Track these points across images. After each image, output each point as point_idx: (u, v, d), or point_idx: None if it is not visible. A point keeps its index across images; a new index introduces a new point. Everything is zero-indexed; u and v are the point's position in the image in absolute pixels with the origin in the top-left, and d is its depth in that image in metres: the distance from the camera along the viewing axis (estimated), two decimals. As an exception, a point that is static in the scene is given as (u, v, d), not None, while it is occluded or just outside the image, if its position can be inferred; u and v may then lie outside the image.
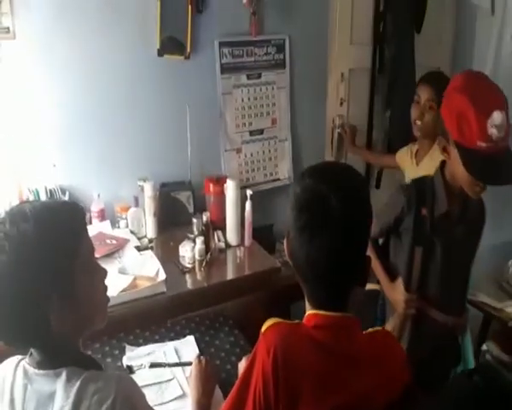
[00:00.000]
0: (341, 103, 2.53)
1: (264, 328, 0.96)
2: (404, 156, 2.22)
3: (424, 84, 1.97)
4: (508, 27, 2.50)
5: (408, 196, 1.51)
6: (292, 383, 0.90)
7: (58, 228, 0.87)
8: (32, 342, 0.89)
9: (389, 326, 1.60)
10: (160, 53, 2.03)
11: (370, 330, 1.03)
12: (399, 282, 1.56)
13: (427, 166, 1.99)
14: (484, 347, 2.46)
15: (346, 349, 0.95)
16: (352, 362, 0.94)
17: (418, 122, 1.97)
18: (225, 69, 2.21)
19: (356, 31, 2.49)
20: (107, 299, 1.00)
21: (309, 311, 0.99)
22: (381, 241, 1.71)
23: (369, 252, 1.45)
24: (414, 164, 2.12)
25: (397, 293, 1.57)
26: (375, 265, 1.63)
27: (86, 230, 0.94)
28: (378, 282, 1.68)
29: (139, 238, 1.96)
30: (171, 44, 2.05)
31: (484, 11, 2.58)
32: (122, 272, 1.69)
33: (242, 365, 1.27)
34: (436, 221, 1.48)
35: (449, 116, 1.38)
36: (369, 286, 1.70)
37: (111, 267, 1.62)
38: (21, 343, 0.90)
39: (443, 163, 1.51)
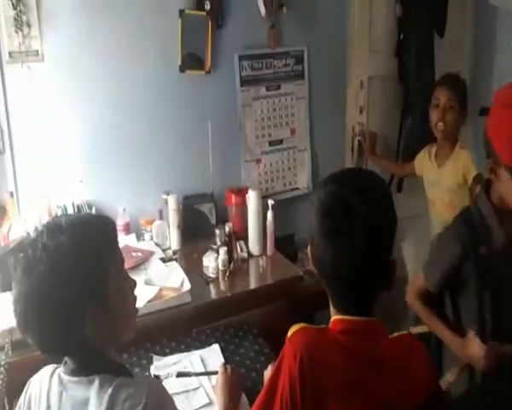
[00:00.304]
0: (361, 111, 2.54)
1: (290, 333, 0.97)
2: (422, 160, 2.25)
3: (442, 86, 2.06)
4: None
5: (462, 239, 1.37)
6: (318, 387, 0.91)
7: (92, 238, 0.92)
8: (68, 350, 0.93)
9: (451, 377, 1.47)
10: (182, 69, 2.10)
11: (396, 334, 1.02)
12: (472, 336, 1.38)
13: (451, 170, 2.06)
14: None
15: (372, 353, 0.95)
16: (378, 366, 0.95)
17: (440, 124, 2.03)
18: (245, 82, 2.25)
19: (374, 39, 2.51)
20: (137, 310, 1.04)
21: (334, 316, 1.00)
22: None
23: (420, 311, 1.44)
24: (435, 166, 2.15)
25: (473, 348, 1.37)
26: (431, 322, 1.50)
27: (117, 240, 0.99)
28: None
29: (164, 250, 2.00)
30: (192, 60, 2.11)
31: (504, 13, 2.56)
32: (148, 283, 1.73)
33: (268, 372, 1.29)
34: (498, 255, 1.35)
35: (498, 136, 1.25)
36: (417, 329, 1.61)
37: (137, 279, 1.61)
38: (58, 352, 0.94)
39: (487, 185, 1.38)
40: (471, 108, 2.18)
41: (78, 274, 0.88)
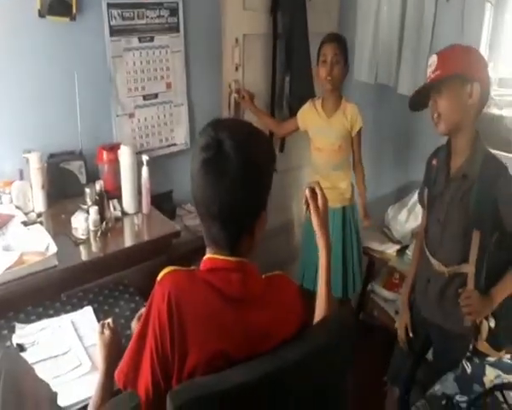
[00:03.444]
0: (236, 68, 2.55)
1: (159, 276, 0.98)
2: (308, 113, 2.38)
3: (328, 43, 2.24)
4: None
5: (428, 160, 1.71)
6: (183, 326, 0.93)
7: None
8: None
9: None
10: (42, 14, 1.88)
11: (270, 273, 1.09)
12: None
13: (341, 120, 2.29)
14: (369, 287, 2.73)
15: (238, 293, 0.99)
16: (244, 302, 0.99)
17: (329, 78, 2.21)
18: (115, 31, 2.11)
19: (248, -4, 2.51)
20: None
21: (206, 255, 1.03)
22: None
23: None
24: (323, 116, 2.32)
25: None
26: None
27: None
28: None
29: (26, 213, 1.84)
30: (58, 5, 1.91)
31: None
32: (7, 249, 1.59)
33: (135, 322, 1.29)
34: (440, 180, 1.64)
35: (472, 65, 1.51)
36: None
37: (-7, 246, 1.52)
38: None
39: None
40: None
41: None
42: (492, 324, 1.58)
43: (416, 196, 2.16)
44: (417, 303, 1.79)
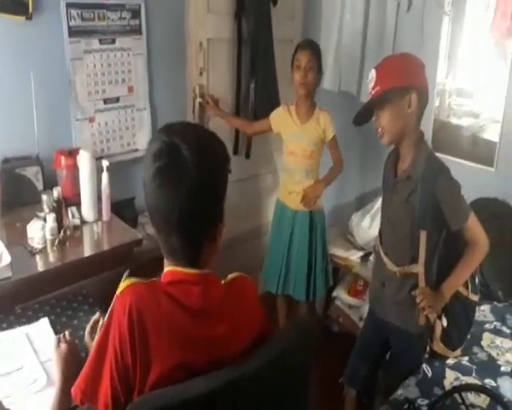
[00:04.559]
0: (201, 73, 2.52)
1: (119, 290, 0.95)
2: (281, 117, 2.40)
3: (302, 50, 2.27)
4: (348, 7, 2.73)
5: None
6: (145, 338, 0.91)
7: None
8: None
9: None
10: (-6, 12, 1.81)
11: (230, 276, 1.06)
12: None
13: (314, 127, 2.33)
14: (334, 293, 2.76)
15: (198, 305, 0.96)
16: (205, 314, 0.97)
17: (303, 83, 2.25)
18: (74, 32, 2.04)
19: (213, 0, 2.48)
20: None
21: (166, 268, 1.00)
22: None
23: None
24: (297, 122, 2.35)
25: None
26: None
27: None
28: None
29: (-23, 222, 1.75)
30: (10, 2, 1.83)
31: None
32: (-45, 260, 1.51)
33: (87, 336, 1.25)
34: (390, 180, 1.72)
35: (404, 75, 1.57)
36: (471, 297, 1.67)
37: None
38: None
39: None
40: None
41: None
42: (445, 323, 1.64)
43: (379, 203, 2.20)
44: (372, 307, 1.83)
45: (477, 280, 1.69)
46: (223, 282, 1.04)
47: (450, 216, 1.53)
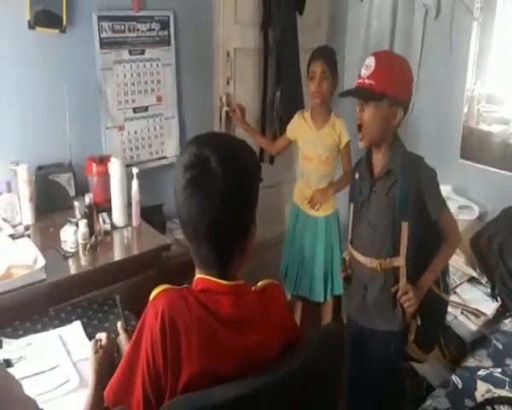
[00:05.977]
0: (228, 82, 2.56)
1: (152, 295, 0.96)
2: (297, 124, 2.42)
3: (315, 60, 2.28)
4: (374, 14, 2.72)
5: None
6: (177, 342, 0.92)
7: None
8: None
9: None
10: (32, 26, 1.88)
11: (261, 284, 1.06)
12: None
13: (330, 133, 2.35)
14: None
15: (229, 315, 0.97)
16: (233, 326, 0.97)
17: (317, 93, 2.28)
18: (105, 44, 2.11)
19: (240, 11, 2.53)
20: None
21: (197, 275, 1.01)
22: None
23: None
24: (313, 128, 2.37)
25: None
26: None
27: None
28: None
29: (14, 226, 1.81)
30: (47, 17, 1.91)
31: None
32: (-7, 262, 1.56)
33: (123, 337, 1.27)
34: (363, 183, 1.69)
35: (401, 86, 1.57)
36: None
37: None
38: None
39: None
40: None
41: None
42: (419, 322, 1.63)
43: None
44: (353, 318, 1.78)
45: (447, 279, 1.70)
46: (253, 288, 1.05)
47: (431, 203, 1.55)
